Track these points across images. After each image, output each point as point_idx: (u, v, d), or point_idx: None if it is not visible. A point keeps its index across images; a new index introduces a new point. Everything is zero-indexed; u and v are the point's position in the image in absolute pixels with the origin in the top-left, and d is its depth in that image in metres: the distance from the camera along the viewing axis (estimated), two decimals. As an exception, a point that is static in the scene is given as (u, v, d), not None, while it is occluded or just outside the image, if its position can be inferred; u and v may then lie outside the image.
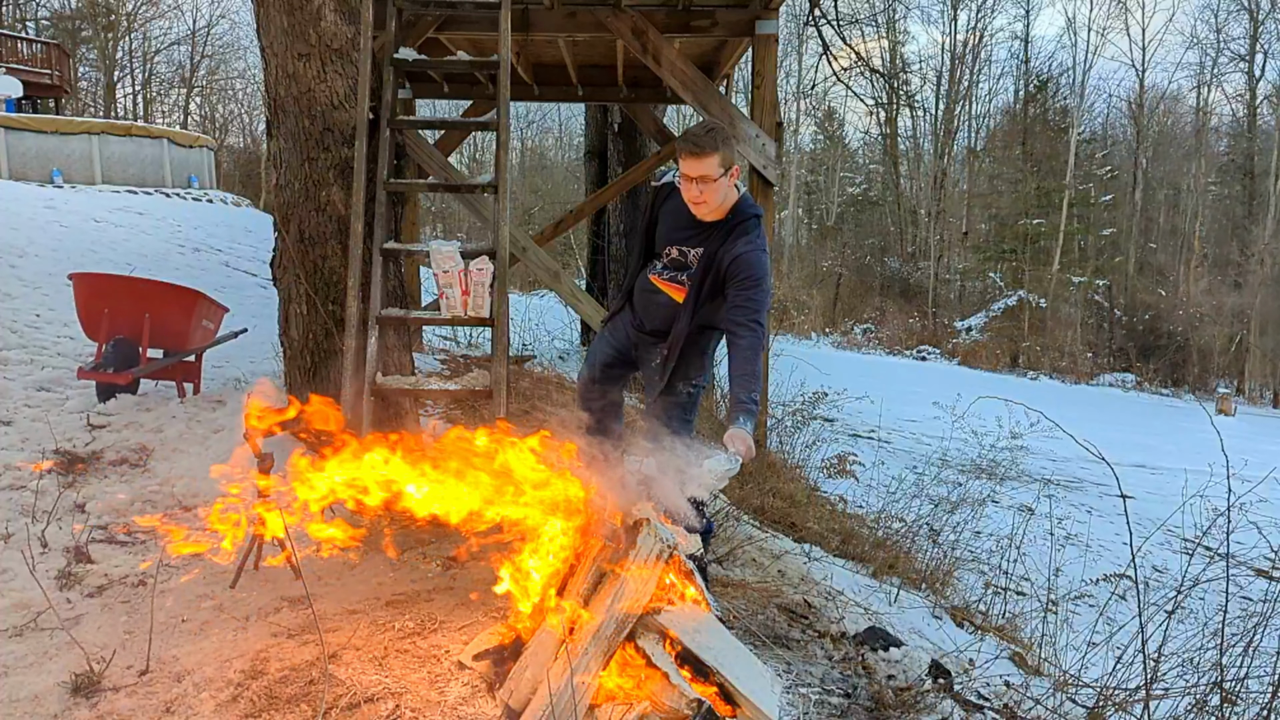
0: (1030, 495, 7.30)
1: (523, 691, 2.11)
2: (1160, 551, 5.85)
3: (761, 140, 5.48)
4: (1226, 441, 3.00)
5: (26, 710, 2.25)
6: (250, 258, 11.67)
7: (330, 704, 2.16)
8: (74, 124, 18.23)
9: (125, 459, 4.21)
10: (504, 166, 4.09)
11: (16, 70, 21.12)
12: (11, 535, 3.30)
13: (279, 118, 4.03)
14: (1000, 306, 30.45)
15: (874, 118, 35.81)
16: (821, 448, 7.25)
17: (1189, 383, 27.54)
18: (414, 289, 7.66)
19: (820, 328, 28.93)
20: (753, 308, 2.78)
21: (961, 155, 35.92)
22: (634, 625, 2.11)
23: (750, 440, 2.56)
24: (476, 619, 2.64)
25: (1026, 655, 3.70)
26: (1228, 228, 32.70)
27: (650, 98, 8.09)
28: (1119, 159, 34.72)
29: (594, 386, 3.25)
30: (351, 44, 4.03)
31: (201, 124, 34.72)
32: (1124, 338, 29.97)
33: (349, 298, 3.86)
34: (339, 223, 4.01)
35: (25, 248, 8.87)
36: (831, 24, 11.76)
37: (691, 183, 2.78)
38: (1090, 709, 2.91)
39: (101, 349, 4.96)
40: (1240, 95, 33.28)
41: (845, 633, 3.19)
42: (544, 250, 6.70)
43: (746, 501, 4.91)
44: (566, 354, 9.38)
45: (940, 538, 5.15)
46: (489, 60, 4.35)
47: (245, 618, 2.77)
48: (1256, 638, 2.79)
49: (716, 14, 5.60)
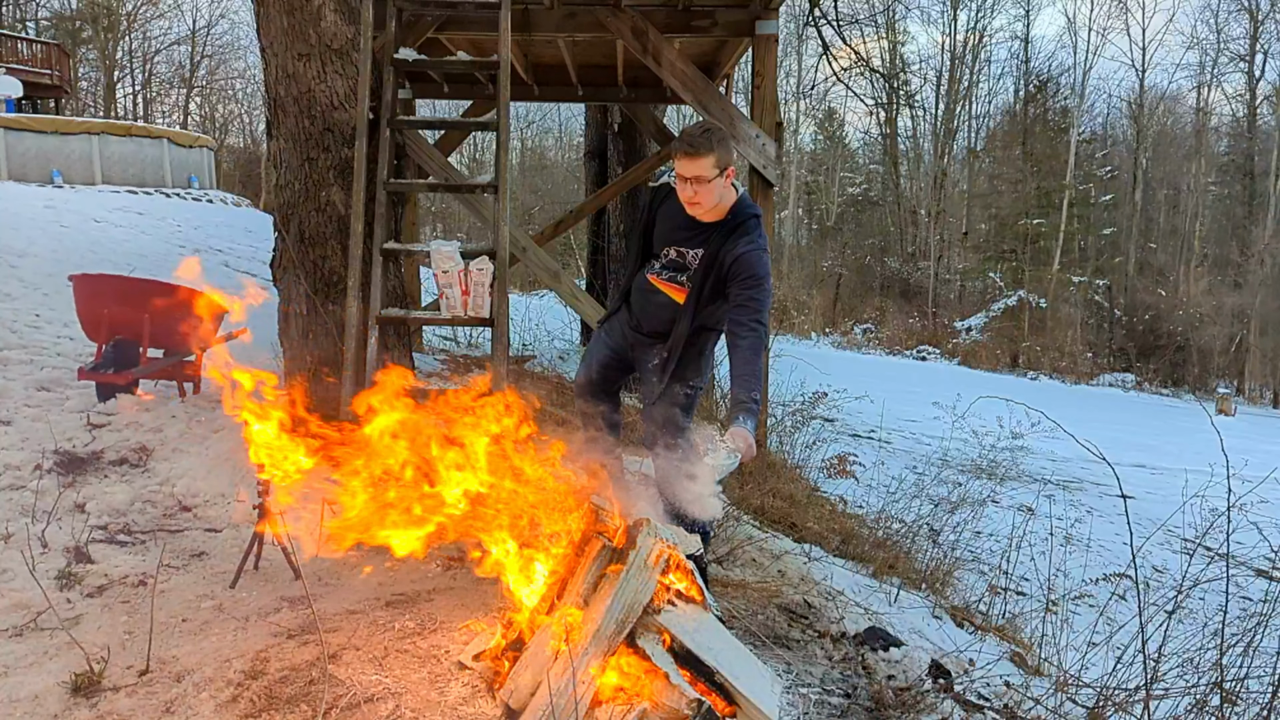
0: (1030, 495, 7.30)
1: (523, 691, 2.11)
2: (1160, 551, 5.85)
3: (761, 140, 5.48)
4: (1226, 442, 2.99)
5: (26, 710, 2.25)
6: (250, 258, 11.66)
7: (330, 704, 2.16)
8: (74, 124, 18.21)
9: (125, 459, 4.21)
10: (504, 166, 4.10)
11: (16, 70, 21.11)
12: (11, 535, 3.30)
13: (279, 118, 4.03)
14: (1000, 306, 30.45)
15: (874, 118, 35.85)
16: (821, 448, 7.24)
17: (1189, 383, 27.55)
18: (414, 289, 7.65)
19: (820, 328, 28.93)
20: (754, 307, 2.78)
21: (961, 155, 35.95)
22: (634, 625, 2.11)
23: (751, 439, 2.56)
24: (476, 619, 2.64)
25: (1026, 655, 3.70)
26: (1228, 228, 32.70)
27: (650, 98, 8.09)
28: (1119, 159, 34.72)
29: (591, 387, 3.25)
30: (351, 44, 4.03)
31: (201, 124, 34.74)
32: (1124, 338, 29.97)
33: (349, 298, 3.86)
34: (339, 223, 4.01)
35: (25, 248, 8.86)
36: (831, 24, 11.76)
37: (686, 183, 2.78)
38: (1090, 709, 2.90)
39: (101, 349, 4.96)
40: (1240, 95, 33.33)
41: (845, 633, 3.19)
42: (544, 250, 6.70)
43: (746, 501, 4.91)
44: (566, 354, 9.38)
45: (940, 538, 5.15)
46: (489, 60, 4.35)
47: (245, 618, 2.76)
48: (1256, 638, 2.79)
49: (716, 14, 5.60)
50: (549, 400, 6.04)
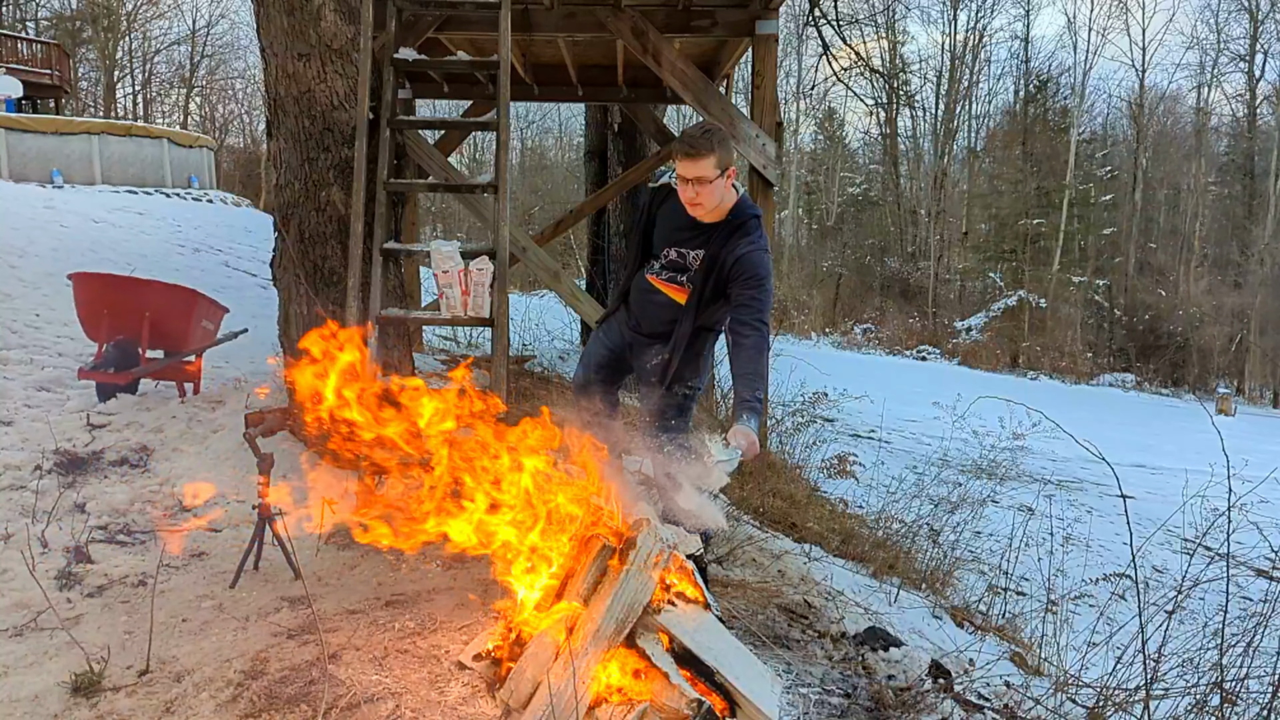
0: (1030, 495, 7.29)
1: (523, 691, 2.11)
2: (1160, 551, 5.85)
3: (761, 140, 5.48)
4: (1226, 441, 2.99)
5: (26, 710, 2.25)
6: (250, 258, 11.67)
7: (330, 704, 2.16)
8: (74, 124, 18.21)
9: (125, 459, 4.21)
10: (504, 166, 4.10)
11: (16, 70, 21.11)
12: (11, 535, 3.30)
13: (279, 118, 4.03)
14: (1000, 306, 30.44)
15: (874, 118, 35.86)
16: (822, 448, 7.25)
17: (1189, 383, 27.54)
18: (414, 289, 7.66)
19: (820, 328, 28.94)
20: (756, 307, 2.78)
21: (961, 155, 35.94)
22: (634, 625, 2.11)
23: (754, 437, 2.56)
24: (476, 619, 2.64)
25: (1026, 655, 3.70)
26: (1228, 228, 32.70)
27: (650, 98, 8.09)
28: (1119, 159, 34.72)
29: (589, 388, 3.25)
30: (351, 44, 4.03)
31: (201, 124, 34.74)
32: (1124, 338, 29.98)
33: (349, 298, 3.86)
34: (339, 223, 4.01)
35: (25, 248, 8.87)
36: (831, 24, 11.75)
37: (688, 184, 2.78)
38: (1090, 709, 2.90)
39: (101, 349, 4.96)
40: (1240, 95, 33.34)
41: (845, 633, 3.19)
42: (544, 250, 6.71)
43: (746, 501, 4.91)
44: (566, 354, 9.38)
45: (940, 538, 5.15)
46: (489, 60, 4.35)
47: (245, 618, 2.76)
48: (1256, 638, 2.79)
49: (716, 14, 5.60)
50: (549, 400, 6.04)
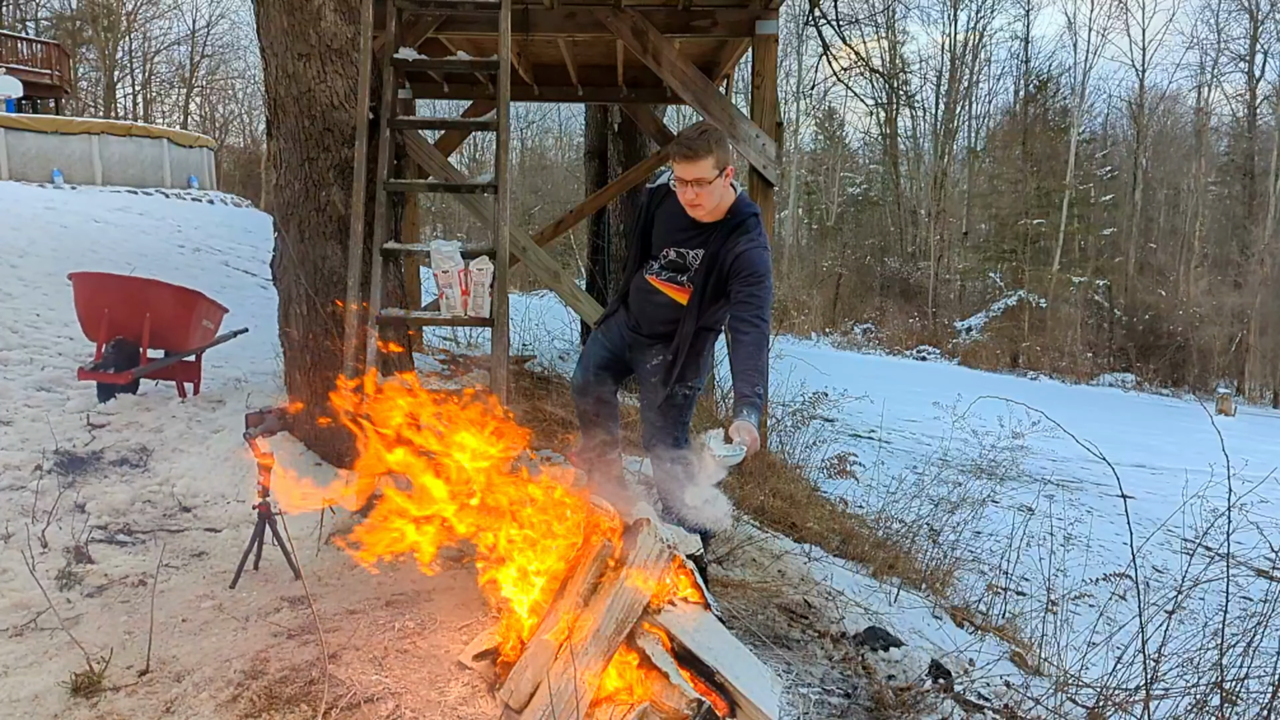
0: (1030, 495, 7.29)
1: (523, 691, 2.11)
2: (1160, 551, 5.85)
3: (761, 140, 5.48)
4: (1226, 441, 2.99)
5: (26, 710, 2.25)
6: (250, 258, 11.67)
7: (330, 704, 2.16)
8: (74, 124, 18.21)
9: (125, 459, 4.21)
10: (504, 166, 4.09)
11: (16, 70, 21.11)
12: (11, 535, 3.30)
13: (279, 118, 4.03)
14: (1000, 306, 30.45)
15: (874, 118, 35.84)
16: (822, 448, 7.24)
17: (1189, 383, 27.54)
18: (414, 289, 7.65)
19: (820, 328, 28.93)
20: (756, 304, 2.78)
21: (961, 155, 35.93)
22: (634, 625, 2.11)
23: (755, 432, 2.56)
24: (476, 619, 2.64)
25: (1026, 655, 3.70)
26: (1228, 228, 32.70)
27: (650, 98, 8.08)
28: (1119, 159, 34.71)
29: (588, 389, 3.25)
30: (351, 44, 4.02)
31: (201, 124, 34.76)
32: (1124, 338, 29.96)
33: (349, 298, 3.85)
34: (339, 223, 4.01)
35: (25, 248, 8.87)
36: (831, 24, 11.74)
37: (687, 186, 2.78)
38: (1090, 709, 2.90)
39: (101, 349, 4.96)
40: (1240, 95, 33.32)
41: (845, 633, 3.19)
42: (544, 250, 6.70)
43: (746, 501, 4.91)
44: (566, 354, 9.37)
45: (940, 538, 5.15)
46: (489, 60, 4.35)
47: (245, 618, 2.76)
48: (1256, 638, 2.79)
49: (716, 14, 5.60)
50: (549, 400, 6.04)
